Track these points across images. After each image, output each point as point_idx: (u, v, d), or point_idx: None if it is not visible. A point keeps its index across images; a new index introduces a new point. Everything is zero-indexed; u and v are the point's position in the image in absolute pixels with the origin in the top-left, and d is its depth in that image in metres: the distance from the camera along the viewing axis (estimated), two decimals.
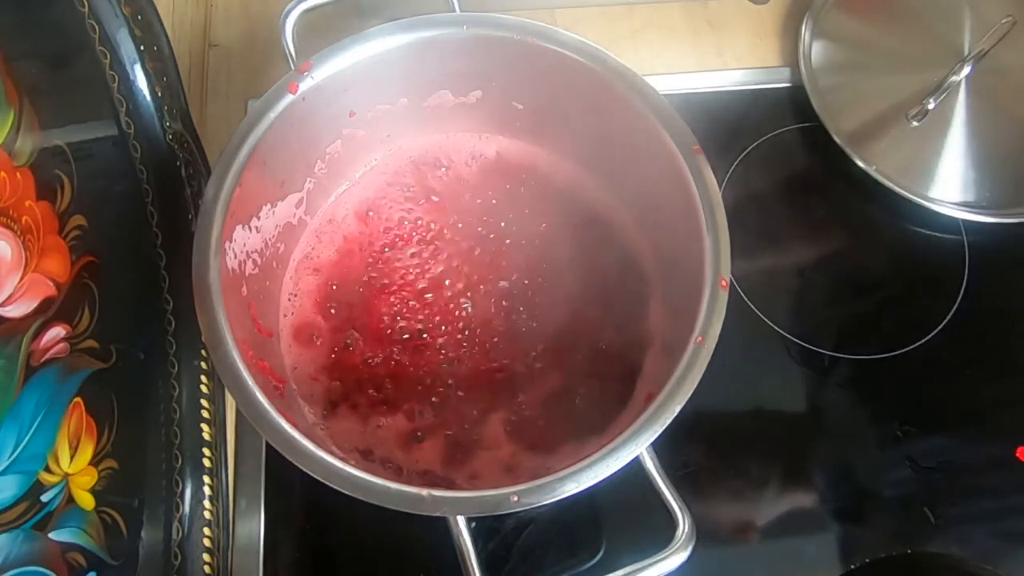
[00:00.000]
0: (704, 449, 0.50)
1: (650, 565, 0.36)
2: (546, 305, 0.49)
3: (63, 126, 0.41)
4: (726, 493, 0.50)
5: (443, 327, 0.49)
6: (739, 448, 0.51)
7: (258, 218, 0.45)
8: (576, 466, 0.36)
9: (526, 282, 0.50)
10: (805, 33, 0.62)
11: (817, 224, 0.59)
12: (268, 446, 0.49)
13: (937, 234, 0.57)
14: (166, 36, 0.48)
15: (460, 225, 0.51)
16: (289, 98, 0.43)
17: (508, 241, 0.51)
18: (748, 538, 0.49)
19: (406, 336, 0.48)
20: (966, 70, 0.57)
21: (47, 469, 0.35)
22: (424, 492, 0.35)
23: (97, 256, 0.41)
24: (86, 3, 0.43)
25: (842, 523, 0.49)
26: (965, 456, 0.52)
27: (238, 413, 0.50)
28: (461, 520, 0.37)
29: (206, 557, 0.44)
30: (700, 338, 0.38)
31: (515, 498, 0.35)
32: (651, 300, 0.49)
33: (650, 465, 0.38)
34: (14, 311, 0.34)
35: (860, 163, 0.57)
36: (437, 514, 0.35)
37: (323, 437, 0.45)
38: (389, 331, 0.48)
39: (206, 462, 0.46)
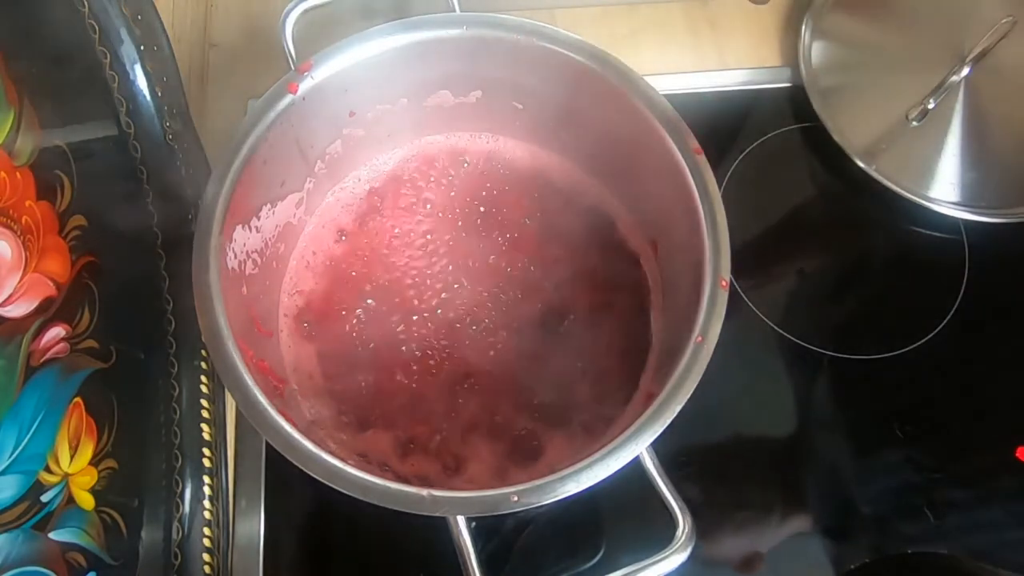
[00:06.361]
0: (704, 449, 0.50)
1: (650, 565, 0.36)
2: (546, 306, 0.49)
3: (63, 126, 0.41)
4: (726, 493, 0.50)
5: (441, 327, 0.49)
6: (739, 448, 0.51)
7: (258, 218, 0.45)
8: (576, 466, 0.36)
9: (525, 282, 0.50)
10: (805, 33, 0.62)
11: (817, 224, 0.59)
12: (268, 446, 0.49)
13: (937, 234, 0.57)
14: (166, 36, 0.48)
15: (459, 225, 0.51)
16: (289, 98, 0.43)
17: (507, 241, 0.51)
18: (748, 538, 0.49)
19: (403, 332, 0.48)
20: (966, 70, 0.57)
21: (47, 469, 0.35)
22: (424, 492, 0.35)
23: (97, 256, 0.41)
24: (86, 3, 0.43)
25: (842, 523, 0.49)
26: (965, 456, 0.52)
27: (238, 413, 0.50)
28: (461, 520, 0.37)
29: (206, 557, 0.44)
30: (700, 338, 0.38)
31: (515, 498, 0.35)
32: (651, 300, 0.49)
33: (650, 465, 0.38)
34: (14, 311, 0.34)
35: (860, 163, 0.57)
36: (437, 514, 0.35)
37: (323, 437, 0.45)
38: (388, 330, 0.48)
39: (206, 462, 0.46)
